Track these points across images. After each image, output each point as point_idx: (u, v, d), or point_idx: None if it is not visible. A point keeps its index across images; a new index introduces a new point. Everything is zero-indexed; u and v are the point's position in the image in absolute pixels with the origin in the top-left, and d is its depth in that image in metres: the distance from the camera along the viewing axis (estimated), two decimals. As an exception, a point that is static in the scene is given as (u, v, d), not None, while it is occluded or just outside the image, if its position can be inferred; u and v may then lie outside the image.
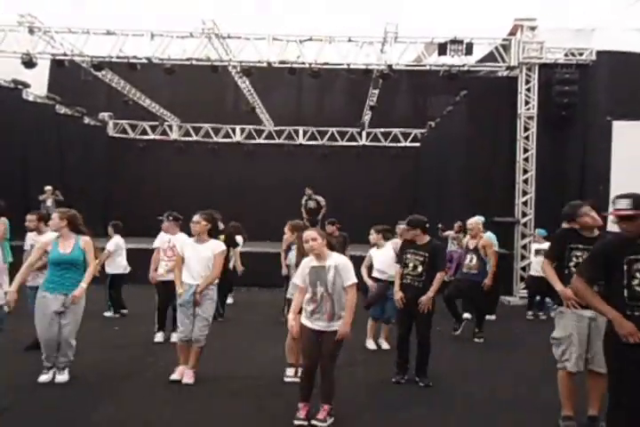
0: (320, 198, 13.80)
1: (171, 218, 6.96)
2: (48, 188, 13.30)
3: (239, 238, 9.47)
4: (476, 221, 7.83)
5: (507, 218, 11.48)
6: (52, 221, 5.26)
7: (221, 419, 4.34)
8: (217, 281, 5.32)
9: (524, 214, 11.61)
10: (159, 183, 17.60)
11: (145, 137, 18.65)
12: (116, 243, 8.54)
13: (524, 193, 11.66)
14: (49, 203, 13.11)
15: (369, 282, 6.76)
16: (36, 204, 12.49)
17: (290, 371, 5.33)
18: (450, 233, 10.87)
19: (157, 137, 18.64)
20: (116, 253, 8.48)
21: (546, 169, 11.46)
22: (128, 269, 8.63)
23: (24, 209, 12.27)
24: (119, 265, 8.52)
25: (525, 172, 11.67)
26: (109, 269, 8.46)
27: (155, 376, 5.36)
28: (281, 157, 18.24)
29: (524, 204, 11.64)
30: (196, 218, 5.28)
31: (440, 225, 11.22)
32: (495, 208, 11.46)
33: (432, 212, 12.67)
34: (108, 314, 8.46)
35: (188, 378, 5.13)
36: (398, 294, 5.42)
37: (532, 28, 11.50)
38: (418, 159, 17.95)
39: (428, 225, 5.60)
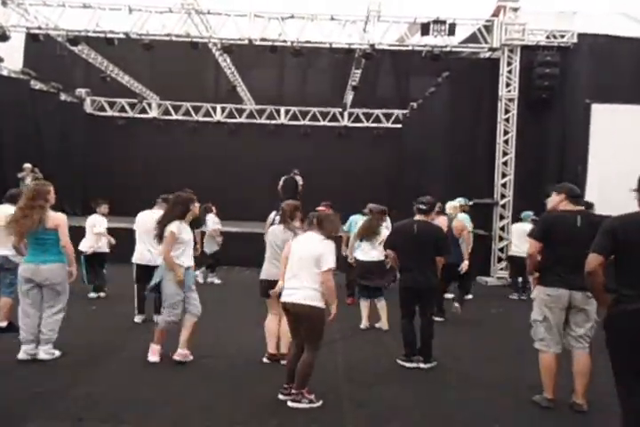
0: (298, 178, 13.88)
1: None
2: (27, 165, 13.17)
3: (215, 218, 9.51)
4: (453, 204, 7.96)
5: (485, 199, 11.61)
6: None
7: (198, 398, 4.37)
8: None
9: (503, 196, 11.74)
10: (138, 162, 17.37)
11: (124, 114, 18.32)
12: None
13: (504, 175, 11.77)
14: (28, 181, 13.02)
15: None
16: (12, 181, 12.24)
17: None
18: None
19: (136, 115, 18.33)
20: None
21: (525, 151, 11.56)
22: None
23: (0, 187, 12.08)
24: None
25: (505, 154, 11.76)
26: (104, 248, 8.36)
27: (133, 356, 5.35)
28: (262, 137, 18.11)
29: (503, 185, 11.76)
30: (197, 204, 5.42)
31: None
32: (475, 190, 11.55)
33: (412, 193, 12.69)
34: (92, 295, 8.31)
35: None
36: None
37: (515, 10, 11.49)
38: (399, 140, 17.95)
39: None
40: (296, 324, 4.31)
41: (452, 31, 11.31)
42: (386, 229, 6.91)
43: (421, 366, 5.29)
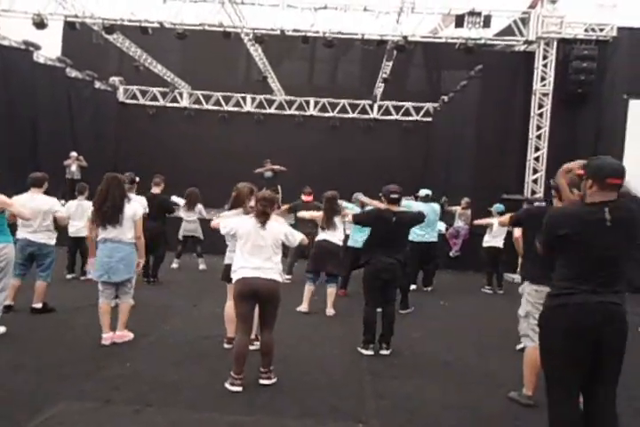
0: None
1: None
2: (73, 154, 13.66)
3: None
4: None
5: (515, 195, 11.43)
6: None
7: (221, 383, 4.44)
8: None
9: (534, 192, 11.55)
10: (168, 150, 17.52)
11: (155, 103, 18.54)
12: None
13: (535, 171, 11.58)
14: (73, 168, 13.53)
15: None
16: (48, 166, 12.35)
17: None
18: (457, 209, 10.85)
19: (168, 104, 18.53)
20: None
21: (558, 147, 11.33)
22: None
23: (33, 172, 12.28)
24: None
25: (537, 149, 11.56)
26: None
27: (159, 340, 5.48)
28: (291, 128, 18.14)
29: (534, 181, 11.57)
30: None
31: (444, 199, 11.15)
32: (504, 185, 11.42)
33: (440, 186, 12.63)
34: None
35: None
36: None
37: (553, 2, 11.24)
38: (429, 134, 17.79)
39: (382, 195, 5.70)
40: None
41: (487, 23, 11.14)
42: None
43: (384, 352, 5.43)
